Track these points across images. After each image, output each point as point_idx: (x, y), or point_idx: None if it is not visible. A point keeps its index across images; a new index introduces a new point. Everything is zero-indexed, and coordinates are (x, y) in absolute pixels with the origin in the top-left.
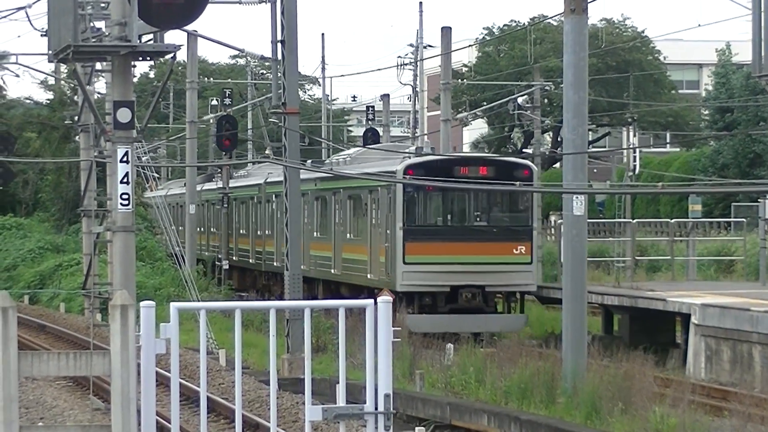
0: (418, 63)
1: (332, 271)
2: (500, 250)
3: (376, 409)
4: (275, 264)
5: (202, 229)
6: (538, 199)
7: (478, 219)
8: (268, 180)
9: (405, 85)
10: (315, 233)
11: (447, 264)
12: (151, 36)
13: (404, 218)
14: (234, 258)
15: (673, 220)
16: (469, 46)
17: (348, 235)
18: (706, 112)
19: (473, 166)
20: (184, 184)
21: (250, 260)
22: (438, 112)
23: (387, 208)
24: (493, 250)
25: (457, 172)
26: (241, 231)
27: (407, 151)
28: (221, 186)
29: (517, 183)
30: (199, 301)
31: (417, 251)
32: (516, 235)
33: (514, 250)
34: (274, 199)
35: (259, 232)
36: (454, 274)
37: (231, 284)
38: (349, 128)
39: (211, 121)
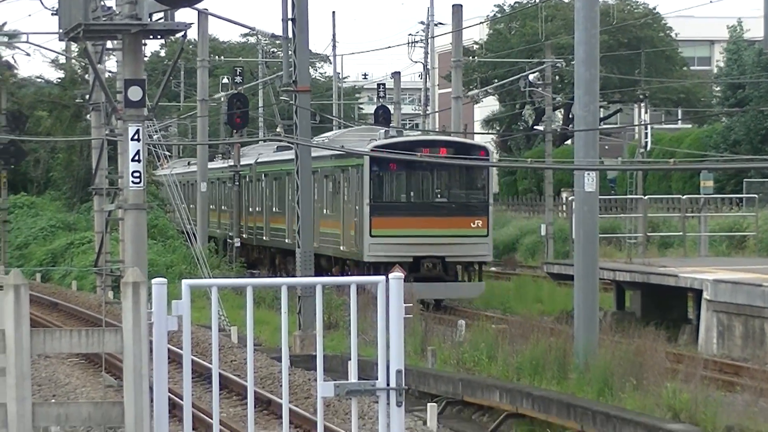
0: (429, 40)
1: (313, 244)
2: (459, 224)
3: (388, 385)
4: (264, 238)
5: (213, 206)
6: (493, 178)
7: (438, 196)
8: (258, 160)
9: (416, 62)
10: (222, 206)
11: (410, 237)
12: (161, 14)
13: (371, 195)
14: (218, 231)
15: (684, 197)
16: (480, 23)
17: (324, 210)
18: (718, 88)
19: (434, 147)
20: (188, 162)
21: (244, 235)
22: (449, 90)
23: (356, 186)
24: (452, 224)
25: (420, 152)
26: (223, 207)
27: (378, 133)
28: (231, 164)
29: (529, 160)
30: (210, 278)
31: (382, 225)
32: (473, 210)
33: (472, 224)
34: (263, 178)
35: (250, 209)
36: (417, 246)
37: (243, 261)
38: (360, 106)
39: (222, 99)
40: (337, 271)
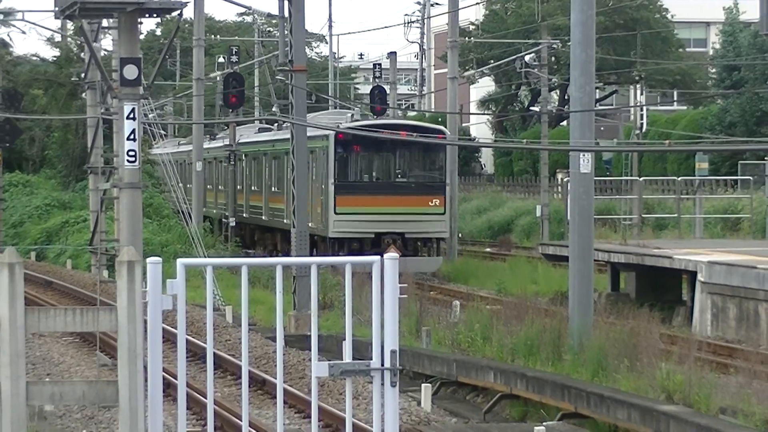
0: (425, 21)
1: (284, 221)
2: (417, 202)
3: (383, 365)
4: (244, 215)
5: (210, 186)
6: (452, 159)
7: (399, 176)
8: (240, 141)
9: (412, 42)
10: (273, 188)
11: (371, 214)
12: None
13: (335, 175)
14: (214, 211)
15: (679, 178)
16: (477, 3)
17: (220, 186)
18: (714, 70)
19: (396, 130)
20: (179, 142)
21: (226, 213)
22: (445, 70)
23: (323, 166)
24: (412, 203)
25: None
26: (219, 187)
27: (345, 116)
28: (227, 143)
29: (525, 141)
30: (206, 257)
31: (346, 203)
32: (431, 189)
33: (430, 203)
34: (244, 158)
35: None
36: (378, 223)
37: (238, 241)
38: (356, 86)
39: (218, 78)
40: None
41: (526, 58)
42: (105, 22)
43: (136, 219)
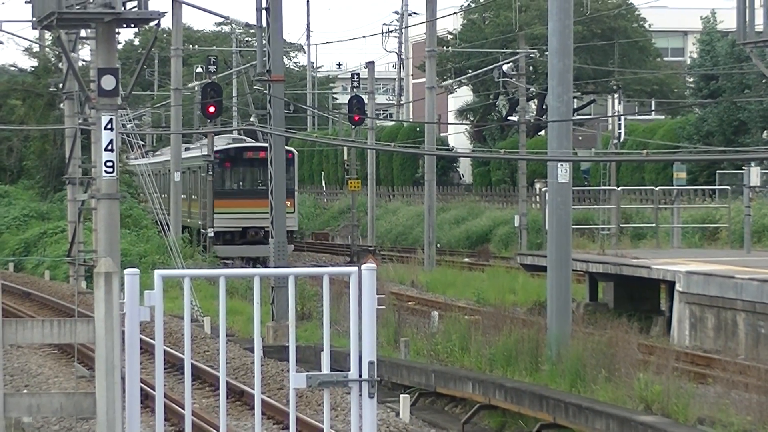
0: (404, 30)
1: (187, 220)
2: None
3: (361, 376)
4: (188, 220)
5: (184, 196)
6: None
7: (260, 185)
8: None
9: (390, 52)
10: (193, 196)
11: (239, 213)
12: (135, 3)
13: (214, 184)
14: (188, 220)
15: (657, 188)
16: (455, 13)
17: (193, 196)
18: (691, 79)
19: (256, 151)
20: (161, 152)
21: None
22: (423, 80)
23: (205, 178)
24: (269, 204)
25: (246, 155)
26: (193, 197)
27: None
28: (204, 153)
29: (503, 151)
30: (184, 268)
31: (222, 205)
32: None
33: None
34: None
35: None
36: (245, 219)
37: (215, 251)
38: (335, 96)
39: (196, 88)
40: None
41: (504, 67)
42: (83, 32)
43: (113, 230)
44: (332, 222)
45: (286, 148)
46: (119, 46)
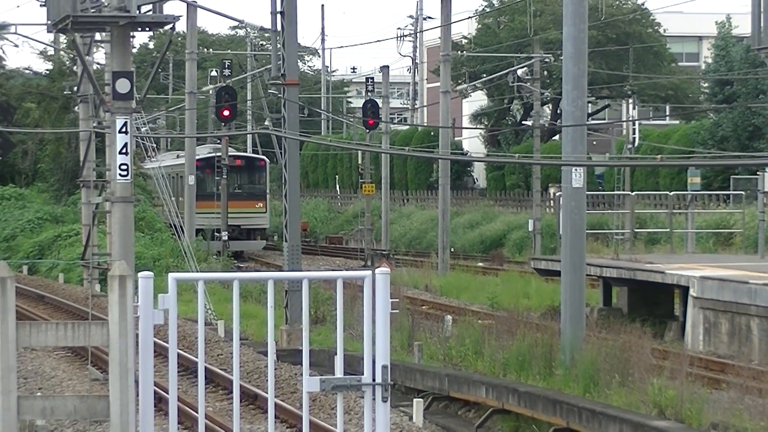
0: (418, 34)
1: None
2: (247, 205)
3: (374, 380)
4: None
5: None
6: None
7: (236, 188)
8: (164, 164)
9: (405, 56)
10: (179, 198)
11: (217, 213)
12: (150, 6)
13: (196, 188)
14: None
15: (672, 193)
16: (469, 17)
17: (179, 198)
18: (706, 84)
19: (232, 159)
20: (177, 155)
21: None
22: (437, 84)
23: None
24: (244, 206)
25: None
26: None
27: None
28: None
29: (517, 155)
30: (197, 272)
31: (202, 206)
32: (256, 197)
33: (256, 205)
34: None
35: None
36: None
37: (230, 254)
38: (349, 100)
39: (211, 92)
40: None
41: (519, 72)
42: (98, 36)
43: (127, 233)
44: (346, 226)
45: (258, 156)
46: (134, 50)
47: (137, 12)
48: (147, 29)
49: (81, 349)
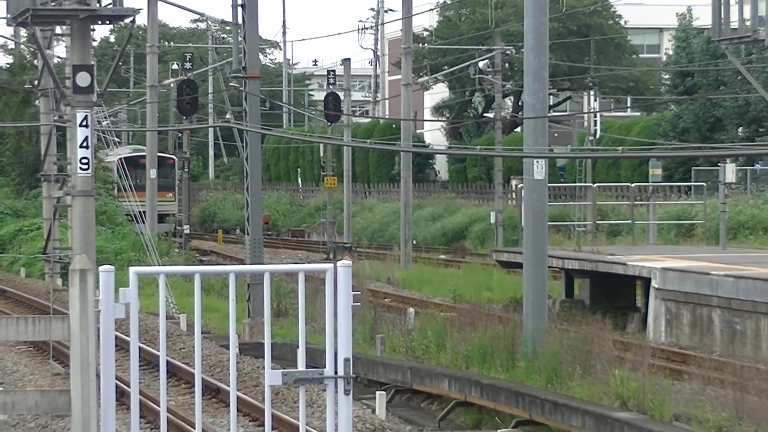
0: (379, 27)
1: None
2: (162, 195)
3: (336, 373)
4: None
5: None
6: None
7: None
8: (121, 156)
9: (366, 49)
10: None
11: (137, 202)
12: None
13: (125, 180)
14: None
15: (633, 185)
16: (430, 10)
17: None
18: (667, 76)
19: (144, 158)
20: (133, 150)
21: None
22: (399, 77)
23: (113, 177)
24: (160, 195)
25: (140, 161)
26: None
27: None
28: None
29: (479, 147)
30: (159, 265)
31: (123, 196)
32: (167, 188)
33: (167, 195)
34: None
35: None
36: (142, 207)
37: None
38: (311, 92)
39: (172, 85)
40: None
41: (480, 64)
42: (58, 29)
43: (89, 227)
44: (308, 219)
45: (167, 155)
46: (94, 43)
47: (97, 5)
48: (107, 22)
49: (43, 344)
